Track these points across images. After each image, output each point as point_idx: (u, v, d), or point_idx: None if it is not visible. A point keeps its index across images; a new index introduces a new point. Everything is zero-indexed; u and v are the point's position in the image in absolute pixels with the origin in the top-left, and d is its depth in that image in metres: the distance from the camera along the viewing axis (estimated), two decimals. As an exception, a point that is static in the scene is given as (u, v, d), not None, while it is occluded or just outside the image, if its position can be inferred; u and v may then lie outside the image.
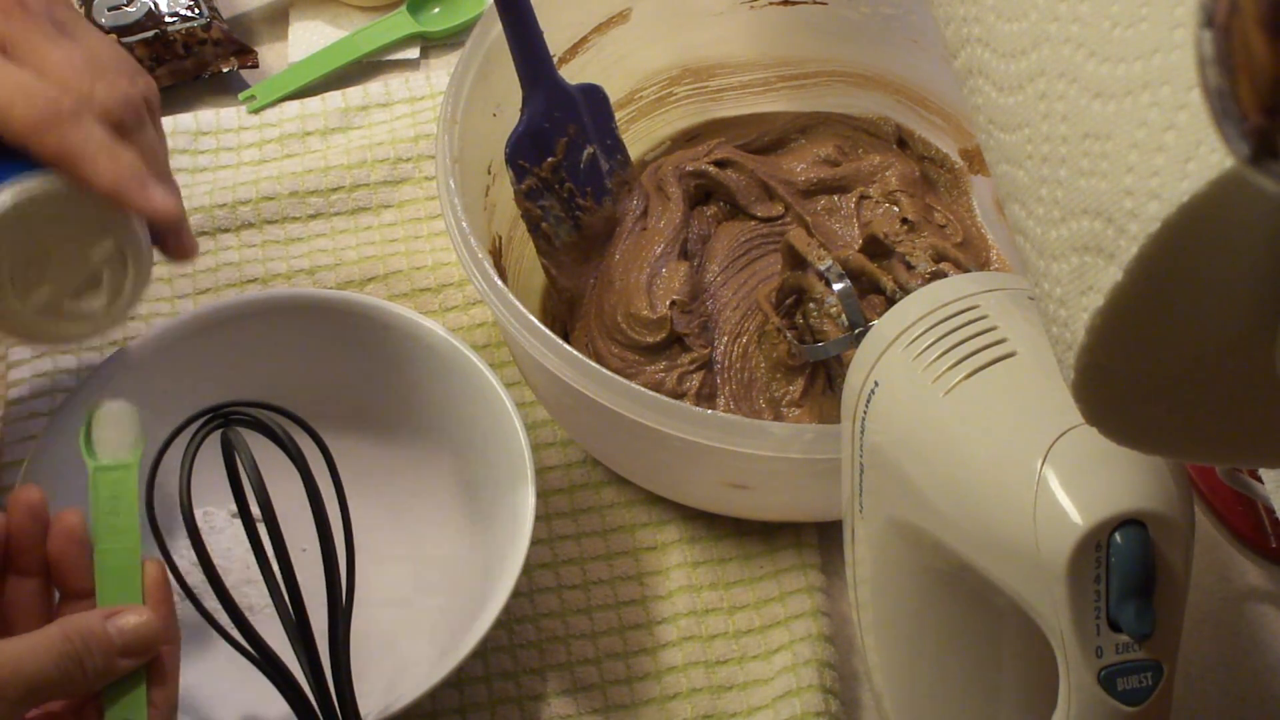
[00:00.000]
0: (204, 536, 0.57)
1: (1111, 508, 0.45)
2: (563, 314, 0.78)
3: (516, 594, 0.65)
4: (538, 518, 0.66)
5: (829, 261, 0.70)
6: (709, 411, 0.62)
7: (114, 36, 0.88)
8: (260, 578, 0.59)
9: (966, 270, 0.72)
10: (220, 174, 0.87)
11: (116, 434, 0.57)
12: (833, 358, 0.72)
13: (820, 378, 0.74)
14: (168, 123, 0.89)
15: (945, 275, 0.69)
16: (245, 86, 0.91)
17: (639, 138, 0.84)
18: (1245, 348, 0.35)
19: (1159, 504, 0.46)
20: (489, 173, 0.75)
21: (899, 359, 0.52)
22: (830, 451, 0.59)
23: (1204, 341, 0.36)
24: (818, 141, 0.86)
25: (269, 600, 0.59)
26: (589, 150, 0.78)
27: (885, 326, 0.54)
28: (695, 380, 0.74)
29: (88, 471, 0.56)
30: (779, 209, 0.83)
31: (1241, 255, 0.33)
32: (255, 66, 0.92)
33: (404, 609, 0.70)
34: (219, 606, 0.57)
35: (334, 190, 0.85)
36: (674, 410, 0.61)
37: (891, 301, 0.68)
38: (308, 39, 0.95)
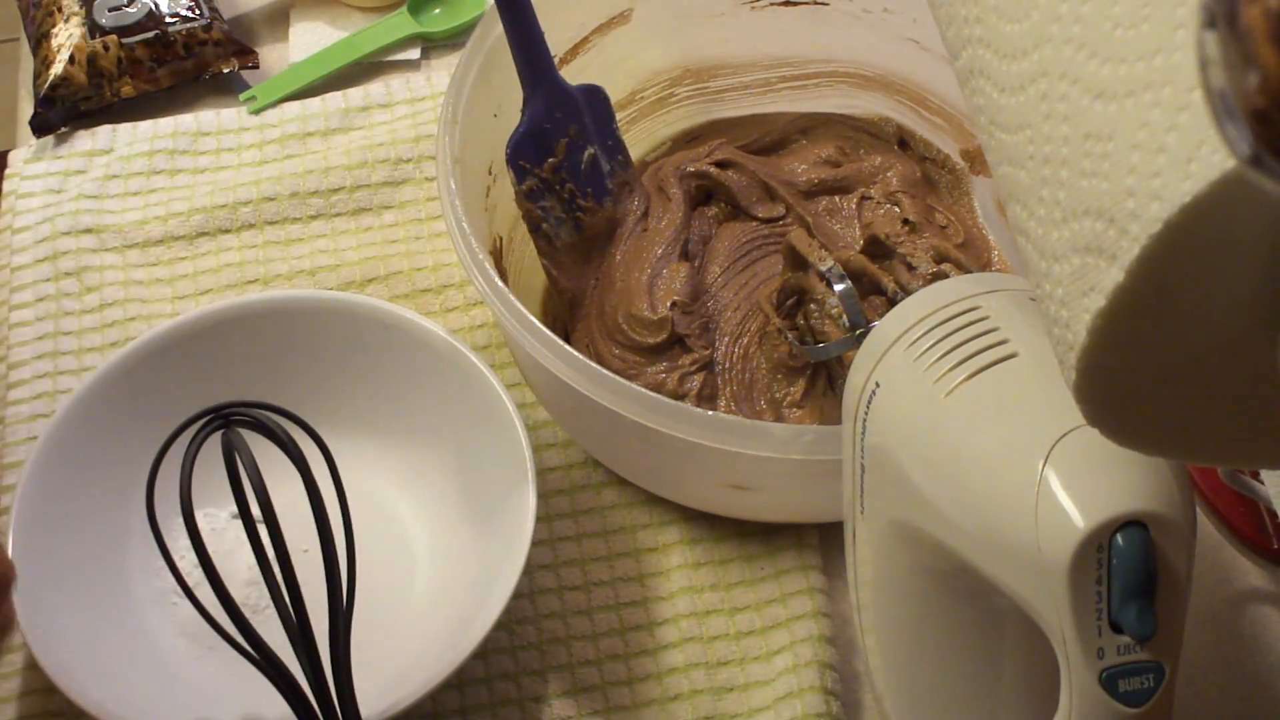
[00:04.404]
0: (205, 538, 0.57)
1: (1113, 509, 0.45)
2: (563, 315, 0.78)
3: (517, 595, 0.65)
4: (538, 519, 0.66)
5: (830, 262, 0.70)
6: (710, 413, 0.61)
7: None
8: (262, 579, 0.59)
9: (968, 271, 0.72)
10: (221, 174, 0.87)
11: None
12: (834, 359, 0.72)
13: (821, 379, 0.74)
14: (168, 123, 0.89)
15: (946, 276, 0.69)
16: (246, 87, 0.91)
17: (640, 138, 0.84)
18: (1246, 348, 0.35)
19: (1160, 505, 0.46)
20: (490, 173, 0.75)
21: (900, 360, 0.52)
22: (831, 452, 0.59)
23: (1205, 342, 0.36)
24: (819, 142, 0.86)
25: (270, 601, 0.59)
26: (590, 151, 0.78)
27: (886, 327, 0.54)
28: (696, 381, 0.74)
29: None
30: (780, 210, 0.83)
31: (1243, 256, 0.33)
32: (256, 67, 0.92)
33: (404, 610, 0.69)
34: (220, 607, 0.57)
35: (335, 191, 0.85)
36: (675, 411, 0.61)
37: (893, 302, 0.68)
38: (308, 40, 0.95)
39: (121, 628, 0.67)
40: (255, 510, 0.57)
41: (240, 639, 0.58)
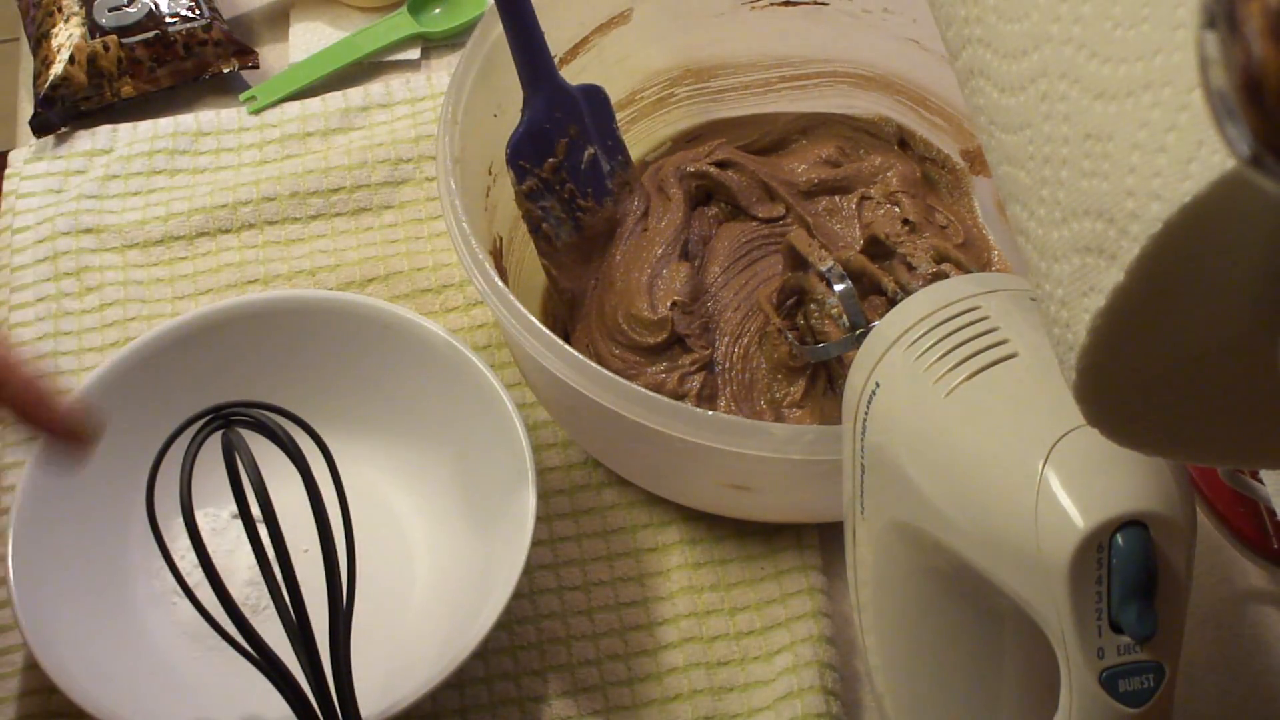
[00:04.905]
0: (205, 538, 0.57)
1: (1113, 509, 0.45)
2: (563, 315, 0.78)
3: (517, 595, 0.65)
4: (538, 519, 0.66)
5: (830, 262, 0.70)
6: (710, 413, 0.61)
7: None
8: (262, 579, 0.59)
9: (968, 271, 0.72)
10: (221, 174, 0.87)
11: None
12: (834, 359, 0.72)
13: (821, 379, 0.74)
14: (168, 123, 0.89)
15: (946, 276, 0.69)
16: (246, 87, 0.91)
17: (640, 138, 0.84)
18: (1246, 348, 0.35)
19: (1160, 505, 0.46)
20: (490, 173, 0.75)
21: (900, 360, 0.52)
22: (831, 453, 0.59)
23: (1205, 342, 0.36)
24: (819, 142, 0.86)
25: (270, 601, 0.59)
26: (590, 151, 0.78)
27: (886, 327, 0.54)
28: (696, 381, 0.74)
29: None
30: (780, 210, 0.83)
31: (1243, 256, 0.33)
32: (256, 67, 0.92)
33: (404, 609, 0.69)
34: (220, 607, 0.57)
35: (335, 191, 0.85)
36: (675, 411, 0.61)
37: (893, 302, 0.68)
38: (308, 40, 0.95)
39: (121, 628, 0.67)
40: (255, 510, 0.57)
41: (240, 639, 0.58)
